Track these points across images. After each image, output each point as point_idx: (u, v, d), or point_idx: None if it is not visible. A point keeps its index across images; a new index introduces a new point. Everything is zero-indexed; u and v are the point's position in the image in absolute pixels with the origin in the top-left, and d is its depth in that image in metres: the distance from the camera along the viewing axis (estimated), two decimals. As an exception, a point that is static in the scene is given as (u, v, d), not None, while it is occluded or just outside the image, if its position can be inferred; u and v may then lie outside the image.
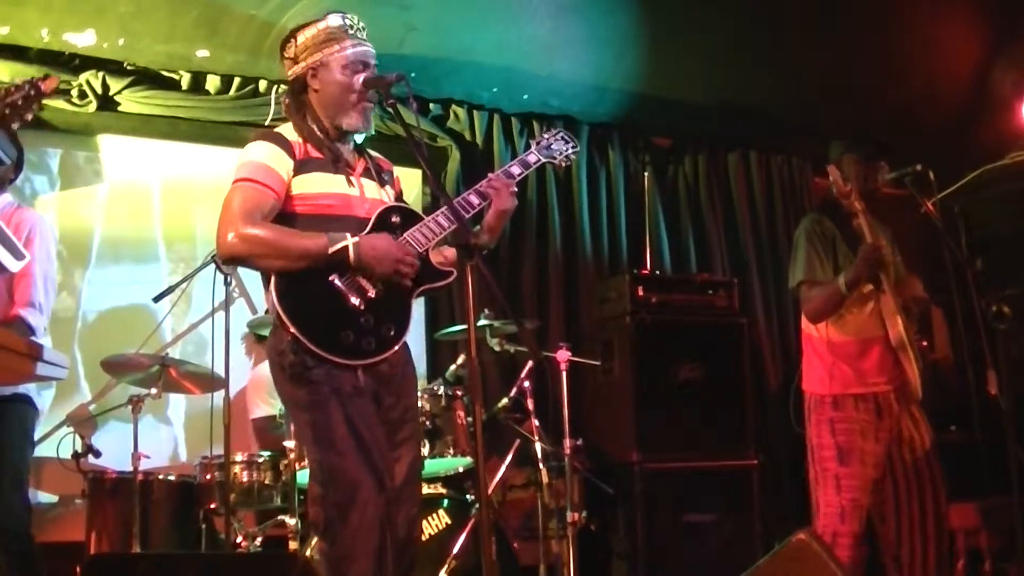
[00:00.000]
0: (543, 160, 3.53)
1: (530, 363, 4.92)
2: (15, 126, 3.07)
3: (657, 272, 6.46)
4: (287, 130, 3.21)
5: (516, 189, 3.33)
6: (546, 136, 3.61)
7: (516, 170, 3.41)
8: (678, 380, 5.77)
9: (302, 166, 3.14)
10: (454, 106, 6.41)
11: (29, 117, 3.06)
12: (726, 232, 7.08)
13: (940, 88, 6.94)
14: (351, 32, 3.22)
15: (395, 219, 3.19)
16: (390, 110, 3.24)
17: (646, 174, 6.93)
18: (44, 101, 5.31)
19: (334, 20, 3.21)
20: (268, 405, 5.18)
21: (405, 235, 3.16)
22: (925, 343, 4.14)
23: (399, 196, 3.41)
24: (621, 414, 5.69)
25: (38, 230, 3.78)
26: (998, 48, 6.89)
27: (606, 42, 6.16)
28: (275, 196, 3.08)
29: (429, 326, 5.95)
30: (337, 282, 3.04)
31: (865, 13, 6.20)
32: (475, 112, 6.48)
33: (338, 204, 3.15)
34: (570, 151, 3.60)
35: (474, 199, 3.27)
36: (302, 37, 3.20)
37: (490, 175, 3.35)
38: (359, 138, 3.31)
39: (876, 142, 4.23)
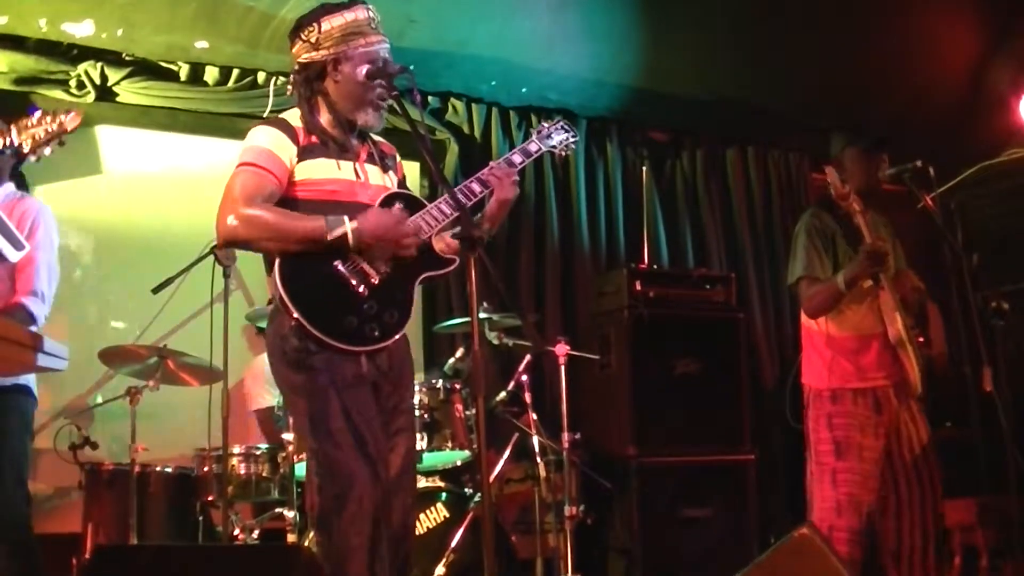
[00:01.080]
0: (544, 149, 3.56)
1: (528, 356, 4.92)
2: (33, 159, 3.07)
3: (654, 266, 6.47)
4: (292, 116, 3.20)
5: (517, 178, 3.35)
6: (546, 126, 3.63)
7: (517, 159, 3.43)
8: (675, 374, 5.77)
9: (306, 152, 3.14)
10: (452, 99, 6.41)
11: (48, 152, 3.05)
12: (723, 227, 7.10)
13: (938, 85, 6.96)
14: (375, 27, 3.22)
15: (398, 206, 3.19)
16: (392, 102, 3.23)
17: (644, 168, 6.93)
18: (41, 91, 5.38)
19: (362, 13, 3.20)
20: (270, 395, 5.18)
21: (408, 221, 3.16)
22: (921, 339, 4.15)
23: (402, 181, 3.42)
24: (618, 408, 5.69)
25: (41, 219, 3.76)
26: (995, 46, 6.91)
27: (605, 36, 6.16)
28: (276, 181, 3.08)
29: (427, 319, 5.95)
30: (340, 268, 3.05)
31: (864, 9, 6.21)
32: (473, 105, 6.48)
33: (341, 190, 3.15)
34: (570, 140, 3.64)
35: (476, 187, 3.29)
36: (327, 24, 3.17)
37: (491, 163, 3.37)
38: None
39: (877, 134, 4.22)
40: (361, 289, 3.05)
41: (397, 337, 3.13)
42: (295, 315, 2.98)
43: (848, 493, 3.97)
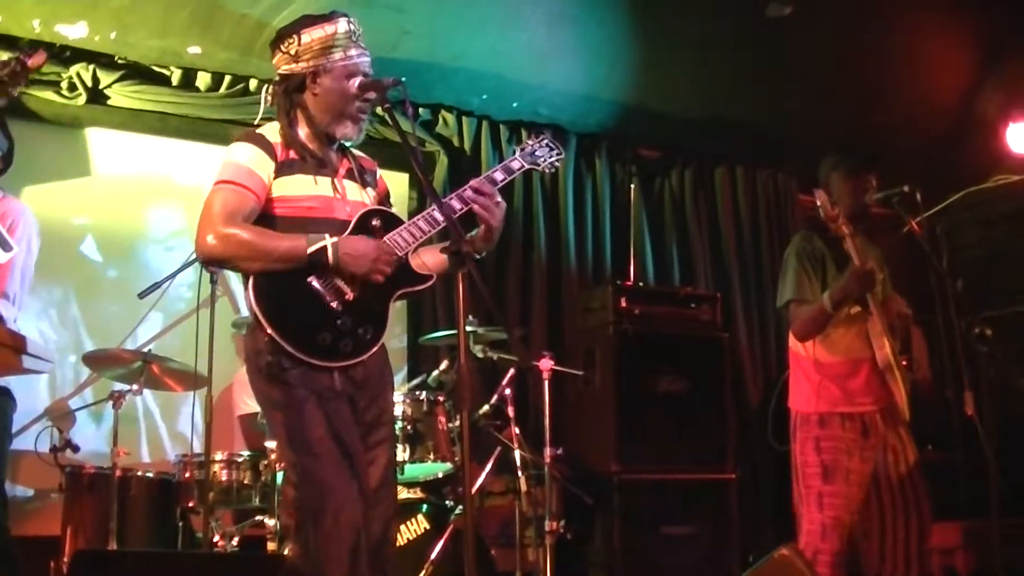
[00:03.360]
0: (527, 166, 3.49)
1: (512, 370, 4.92)
2: (1, 102, 3.07)
3: (641, 284, 6.48)
4: (270, 131, 3.18)
5: (500, 199, 3.27)
6: (530, 142, 3.57)
7: (499, 176, 3.35)
8: (659, 392, 5.77)
9: (284, 168, 3.13)
10: (443, 112, 6.41)
11: (15, 92, 3.05)
12: (710, 246, 7.11)
13: (927, 110, 7.00)
14: (356, 39, 3.21)
15: (375, 223, 3.17)
16: (383, 114, 3.22)
17: (632, 186, 6.94)
18: (32, 92, 5.37)
19: (342, 25, 3.19)
20: (253, 402, 5.16)
21: (385, 238, 3.15)
22: (905, 363, 4.15)
23: (385, 196, 3.40)
24: (601, 424, 5.69)
25: (22, 220, 3.74)
26: (985, 72, 6.96)
27: (598, 52, 6.18)
28: (255, 199, 3.07)
29: (412, 330, 5.94)
30: (315, 284, 3.03)
31: (854, 33, 6.25)
32: (464, 118, 6.48)
33: (319, 206, 3.14)
34: (554, 158, 3.56)
35: (456, 204, 3.23)
36: (307, 37, 3.16)
37: (472, 181, 3.30)
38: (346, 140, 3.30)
39: (866, 152, 4.23)
40: (335, 305, 3.04)
41: (372, 352, 3.11)
42: (268, 331, 2.97)
43: (833, 516, 3.95)
